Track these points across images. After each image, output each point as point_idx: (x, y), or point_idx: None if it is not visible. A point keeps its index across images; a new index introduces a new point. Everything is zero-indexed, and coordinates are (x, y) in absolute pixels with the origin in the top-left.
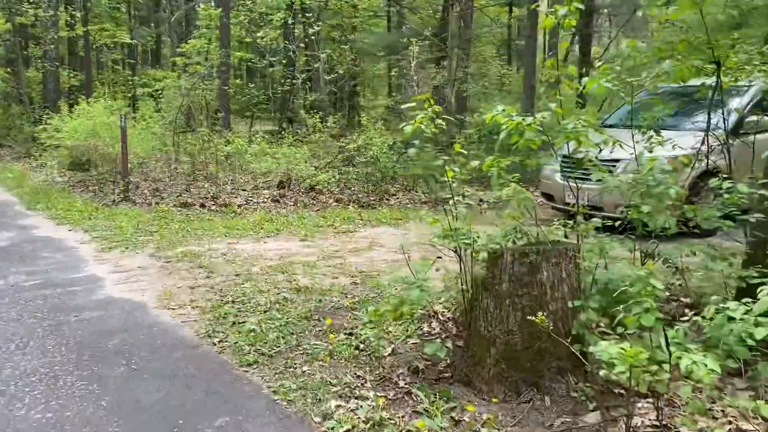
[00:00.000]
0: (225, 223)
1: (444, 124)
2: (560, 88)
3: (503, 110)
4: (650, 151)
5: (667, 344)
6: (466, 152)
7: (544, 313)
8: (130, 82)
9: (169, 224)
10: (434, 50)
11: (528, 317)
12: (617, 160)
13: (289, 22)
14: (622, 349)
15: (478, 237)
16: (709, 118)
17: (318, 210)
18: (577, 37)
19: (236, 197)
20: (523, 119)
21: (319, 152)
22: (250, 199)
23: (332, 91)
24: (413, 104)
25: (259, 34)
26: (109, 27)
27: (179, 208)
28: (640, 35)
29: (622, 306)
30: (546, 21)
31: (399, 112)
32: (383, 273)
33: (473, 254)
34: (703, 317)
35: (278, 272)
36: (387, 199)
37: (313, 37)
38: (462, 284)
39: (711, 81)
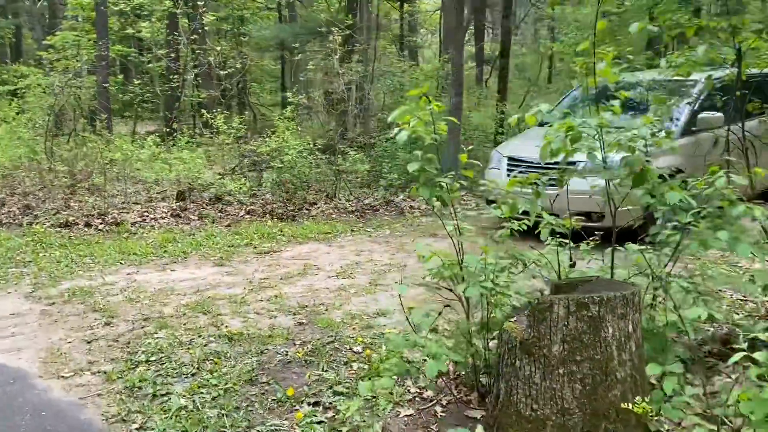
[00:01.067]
0: (119, 247)
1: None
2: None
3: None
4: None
5: None
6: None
7: (609, 381)
8: None
9: (48, 251)
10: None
11: (588, 389)
12: (573, 163)
13: (178, 11)
14: None
15: (498, 274)
16: (743, 115)
17: (229, 225)
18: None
19: (128, 213)
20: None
21: (220, 156)
22: (146, 214)
23: (226, 88)
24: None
25: (143, 25)
26: None
27: (59, 229)
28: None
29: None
30: None
31: (308, 110)
32: (332, 307)
33: (494, 302)
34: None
35: (198, 312)
36: (308, 210)
37: (201, 30)
38: (472, 338)
39: (663, 75)
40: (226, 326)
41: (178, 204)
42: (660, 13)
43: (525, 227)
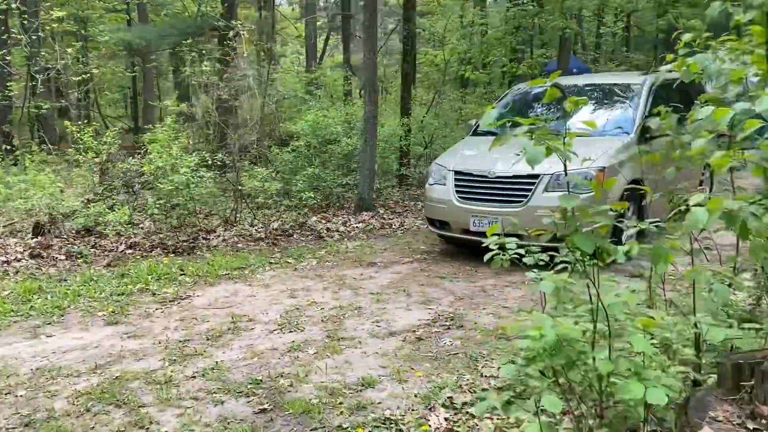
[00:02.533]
0: None
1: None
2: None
3: None
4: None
5: None
6: None
7: None
8: None
9: None
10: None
11: None
12: (536, 176)
13: (12, 6)
14: None
15: None
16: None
17: (109, 264)
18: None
19: None
20: None
21: (82, 177)
22: None
23: (74, 97)
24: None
25: None
26: None
27: None
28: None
29: None
30: None
31: (190, 118)
32: (296, 379)
33: None
34: None
35: (108, 404)
36: (205, 239)
37: (38, 32)
38: None
39: (609, 79)
40: (158, 425)
41: (36, 240)
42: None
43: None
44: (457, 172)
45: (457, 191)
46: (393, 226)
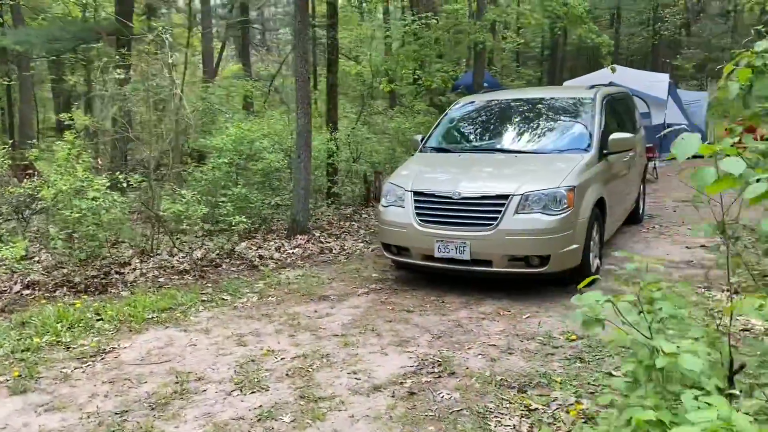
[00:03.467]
0: None
1: None
2: None
3: None
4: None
5: None
6: None
7: None
8: None
9: None
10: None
11: None
12: (505, 197)
13: None
14: None
15: None
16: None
17: (4, 310)
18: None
19: None
20: None
21: None
22: None
23: None
24: None
25: None
26: None
27: None
28: None
29: None
30: None
31: (92, 134)
32: None
33: None
34: None
35: None
36: (119, 273)
37: None
38: None
39: (556, 93)
40: None
41: None
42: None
43: None
44: (417, 193)
45: (417, 214)
46: (333, 251)
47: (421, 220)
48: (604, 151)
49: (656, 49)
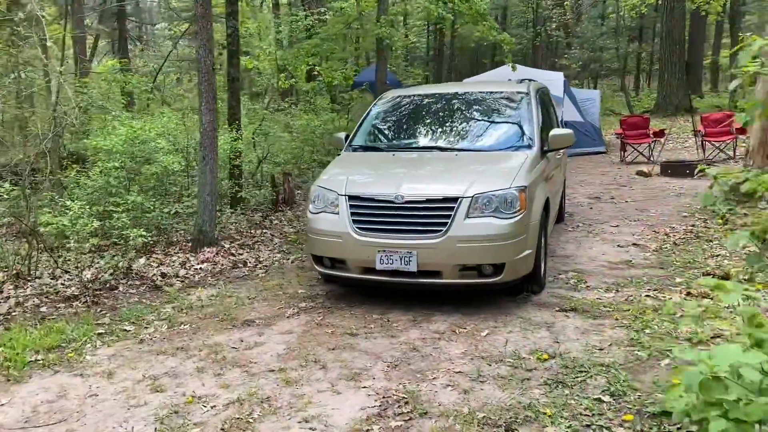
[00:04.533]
0: None
1: None
2: None
3: None
4: None
5: None
6: None
7: None
8: None
9: None
10: None
11: None
12: (454, 199)
13: None
14: None
15: None
16: None
17: None
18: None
19: None
20: None
21: None
22: None
23: None
24: None
25: None
26: None
27: None
28: None
29: None
30: None
31: None
32: None
33: None
34: None
35: None
36: None
37: None
38: None
39: (487, 87)
40: None
41: None
42: None
43: None
44: (353, 198)
45: (354, 221)
46: (248, 264)
47: (359, 228)
48: (545, 149)
49: (537, 49)
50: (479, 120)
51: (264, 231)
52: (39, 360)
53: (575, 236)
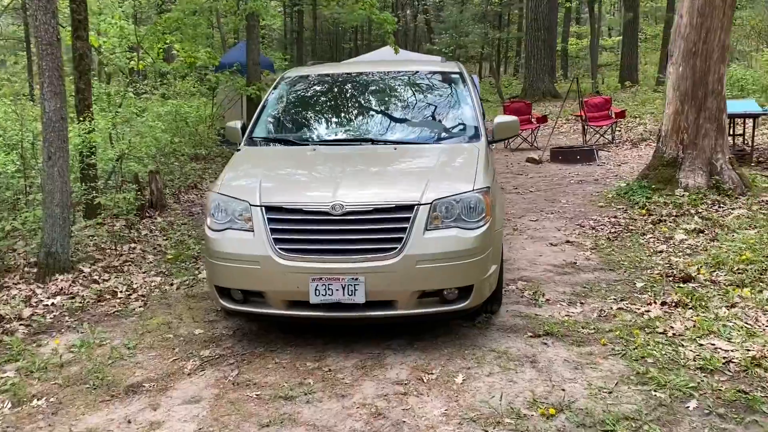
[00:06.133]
0: None
1: None
2: None
3: None
4: None
5: None
6: None
7: None
8: None
9: None
10: None
11: None
12: (409, 207)
13: None
14: None
15: None
16: None
17: None
18: None
19: None
20: None
21: None
22: None
23: None
24: None
25: None
26: None
27: None
28: None
29: None
30: None
31: None
32: None
33: None
34: None
35: None
36: None
37: None
38: None
39: (412, 67)
40: None
41: None
42: None
43: None
44: (271, 209)
45: (276, 241)
46: (118, 294)
47: (282, 250)
48: (489, 139)
49: (397, 34)
50: (413, 106)
51: (133, 246)
52: None
53: (504, 235)
